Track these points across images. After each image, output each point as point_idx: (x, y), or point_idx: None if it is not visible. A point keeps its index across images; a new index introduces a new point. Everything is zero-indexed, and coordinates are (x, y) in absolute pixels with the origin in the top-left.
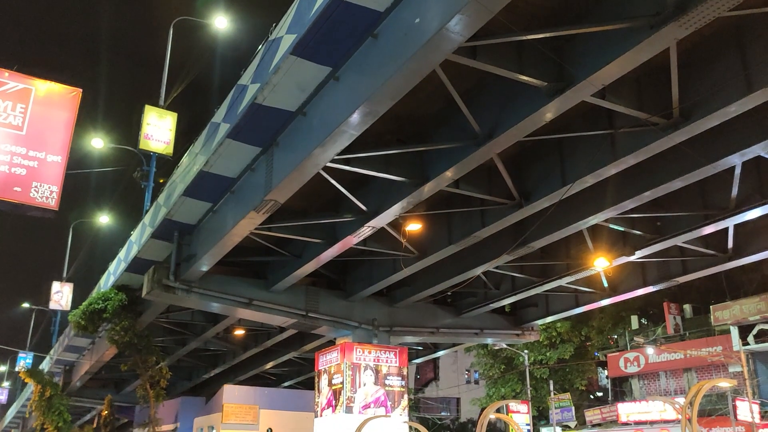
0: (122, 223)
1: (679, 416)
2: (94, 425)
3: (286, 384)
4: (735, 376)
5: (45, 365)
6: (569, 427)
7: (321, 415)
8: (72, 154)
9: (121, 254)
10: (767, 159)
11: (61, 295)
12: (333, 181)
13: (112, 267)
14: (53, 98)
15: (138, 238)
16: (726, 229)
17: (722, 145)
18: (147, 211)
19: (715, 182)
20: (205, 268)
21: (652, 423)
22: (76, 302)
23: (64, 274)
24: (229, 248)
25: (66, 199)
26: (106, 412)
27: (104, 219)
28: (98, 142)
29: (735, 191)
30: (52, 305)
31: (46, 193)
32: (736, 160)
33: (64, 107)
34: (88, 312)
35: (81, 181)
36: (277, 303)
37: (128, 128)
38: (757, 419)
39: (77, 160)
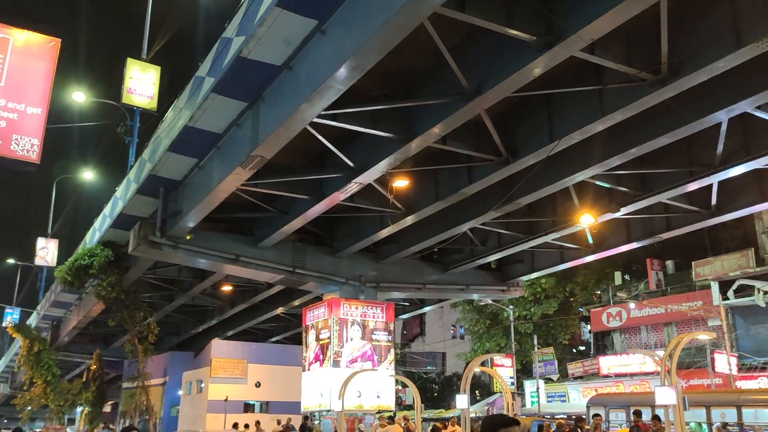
0: (107, 178)
1: (659, 368)
2: (83, 379)
3: (273, 339)
4: (714, 329)
5: (32, 320)
6: (552, 380)
7: (308, 369)
8: (53, 109)
9: (107, 210)
10: (753, 115)
11: (46, 251)
12: (320, 137)
13: (97, 223)
14: (32, 48)
15: (123, 194)
16: (710, 186)
17: (709, 102)
18: (132, 167)
19: (700, 139)
20: (191, 224)
21: (632, 375)
22: (61, 258)
23: (49, 230)
24: (215, 204)
25: (49, 155)
26: (95, 366)
27: (88, 175)
28: (79, 96)
29: (720, 148)
30: (38, 261)
31: (27, 146)
32: (722, 116)
33: (43, 58)
34: (74, 268)
35: (64, 137)
36: (264, 259)
37: (111, 83)
38: (734, 371)
39: (59, 114)
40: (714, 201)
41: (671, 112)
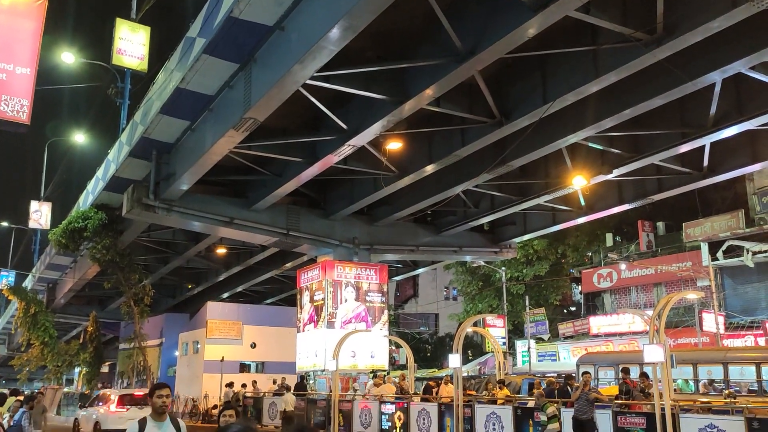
0: (99, 141)
1: (647, 328)
2: (81, 341)
3: (268, 301)
4: (703, 289)
5: (28, 283)
6: (543, 340)
7: (303, 330)
8: (43, 71)
9: (99, 173)
10: (747, 76)
11: (39, 214)
12: (313, 99)
13: (90, 186)
14: (18, 7)
15: (115, 156)
16: (702, 147)
17: (704, 62)
18: (123, 129)
19: (694, 100)
20: (185, 187)
21: (621, 335)
22: (55, 221)
23: (42, 193)
24: (208, 167)
25: (40, 117)
26: (92, 328)
27: (80, 137)
28: (69, 57)
29: (713, 109)
30: (32, 224)
31: (17, 107)
32: (716, 77)
33: (30, 16)
34: (68, 231)
35: (54, 99)
36: (258, 222)
37: (100, 44)
38: (721, 330)
39: (48, 76)
40: (706, 162)
41: (665, 73)
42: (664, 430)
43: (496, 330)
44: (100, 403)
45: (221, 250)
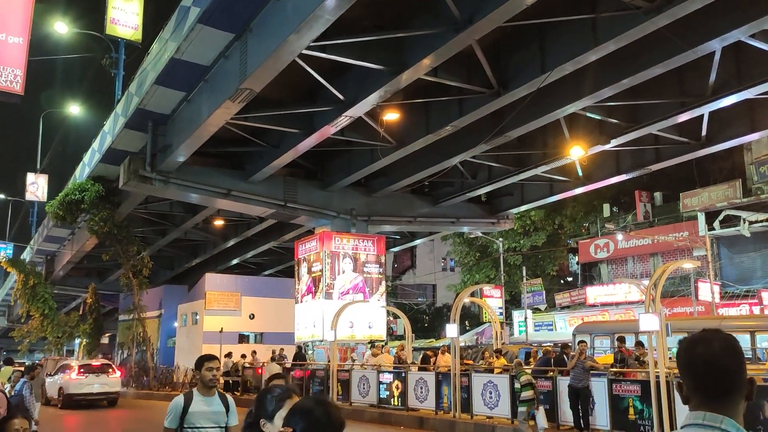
0: (94, 112)
1: (643, 297)
2: (80, 312)
3: (266, 272)
4: (699, 259)
5: (26, 255)
6: (539, 310)
7: (301, 302)
8: (36, 41)
9: (95, 145)
10: (746, 44)
11: (36, 187)
12: (309, 70)
13: (86, 158)
14: None
15: (111, 128)
16: (701, 117)
17: (703, 30)
18: (119, 101)
19: (693, 69)
20: (181, 159)
21: (617, 304)
22: (52, 193)
23: (38, 165)
24: (205, 138)
25: (34, 88)
26: (91, 299)
27: (75, 109)
28: (62, 27)
29: (713, 77)
30: (29, 196)
31: (10, 77)
32: (716, 45)
33: None
34: (65, 203)
35: (48, 70)
36: (256, 193)
37: (94, 14)
38: (717, 299)
39: (42, 47)
40: (704, 132)
41: (664, 41)
42: (658, 397)
43: (493, 300)
44: (65, 372)
45: (219, 222)
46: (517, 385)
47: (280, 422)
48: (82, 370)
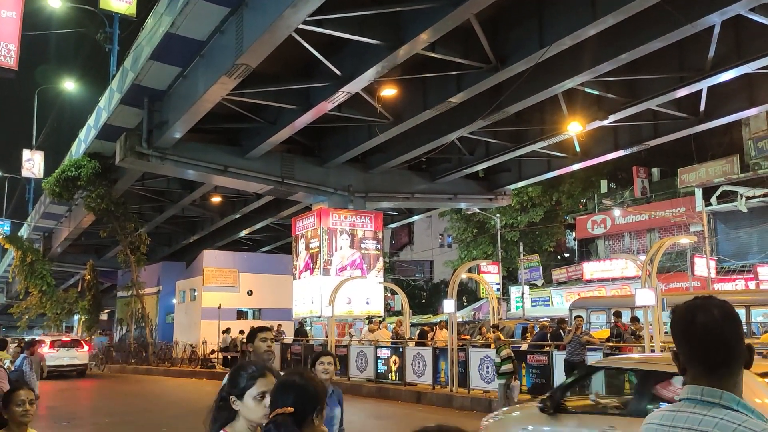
0: (89, 88)
1: (640, 273)
2: (79, 289)
3: (264, 249)
4: (696, 234)
5: (24, 232)
6: (536, 286)
7: (299, 278)
8: (29, 16)
9: (91, 121)
10: (746, 18)
11: (32, 163)
12: (306, 45)
13: (82, 134)
14: None
15: (107, 104)
16: (699, 92)
17: (703, 4)
18: (114, 76)
19: (692, 44)
20: (178, 135)
21: (613, 280)
22: (48, 170)
23: (34, 142)
24: (201, 114)
25: (28, 64)
26: (89, 276)
27: (70, 85)
28: (55, 1)
29: (712, 52)
30: (25, 173)
31: (4, 52)
32: (716, 18)
33: None
34: (61, 179)
35: (42, 45)
36: (253, 170)
37: None
38: (712, 274)
39: (35, 21)
40: (703, 107)
41: (664, 16)
42: None
43: (490, 276)
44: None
45: (216, 199)
46: (498, 359)
47: (250, 400)
48: (53, 344)
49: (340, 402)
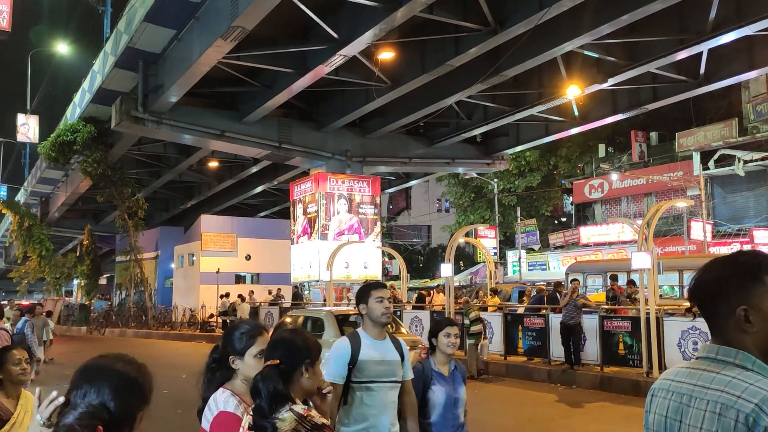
0: (83, 51)
1: (636, 236)
2: (77, 254)
3: (261, 214)
4: (693, 198)
5: (20, 197)
6: (533, 250)
7: (297, 242)
8: None
9: (85, 85)
10: None
11: (27, 128)
12: (302, 6)
13: (77, 98)
14: None
15: (101, 67)
16: (699, 54)
17: None
18: (108, 39)
19: (693, 6)
20: (174, 99)
21: (610, 244)
22: (44, 134)
23: (28, 106)
24: (197, 78)
25: (20, 27)
26: (87, 241)
27: (63, 47)
28: None
29: (713, 14)
30: (20, 138)
31: None
32: None
33: None
34: (57, 144)
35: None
36: (250, 134)
37: None
38: (708, 238)
39: None
40: (702, 70)
41: None
42: (648, 333)
43: (487, 241)
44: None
45: (213, 164)
46: (467, 321)
47: (251, 359)
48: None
49: (464, 379)
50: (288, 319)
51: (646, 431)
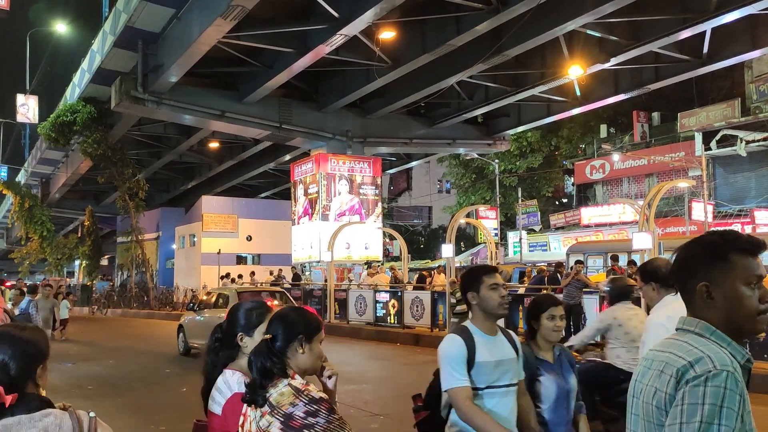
0: (82, 31)
1: (637, 217)
2: (79, 235)
3: (262, 195)
4: (694, 179)
5: (21, 178)
6: (534, 231)
7: (298, 223)
8: None
9: (85, 65)
10: None
11: (27, 108)
12: None
13: (76, 78)
14: None
15: (100, 47)
16: (702, 34)
17: None
18: (107, 18)
19: None
20: (173, 79)
21: (611, 225)
22: (43, 115)
23: (27, 87)
24: (197, 58)
25: (19, 6)
26: (88, 222)
27: (61, 27)
28: None
29: None
30: (20, 118)
31: None
32: None
33: None
34: (57, 124)
35: None
36: (250, 115)
37: None
38: (710, 218)
39: None
40: (705, 49)
41: None
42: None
43: (488, 221)
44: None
45: (214, 145)
46: (453, 300)
47: (260, 336)
48: None
49: (572, 365)
50: (206, 295)
51: (629, 396)
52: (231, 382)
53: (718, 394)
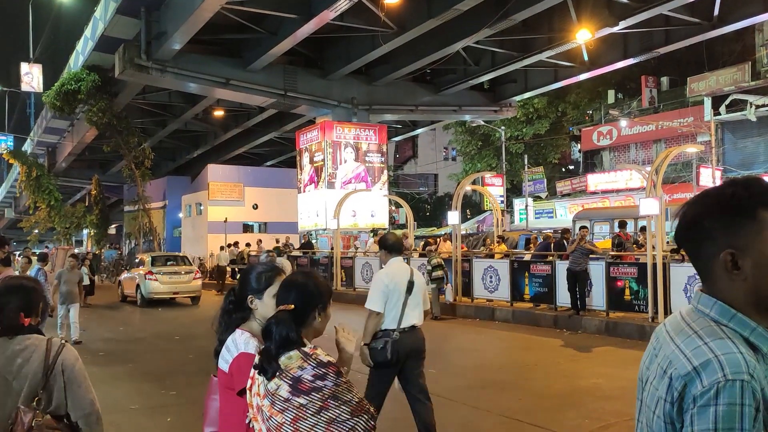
0: None
1: (644, 184)
2: (86, 204)
3: (268, 163)
4: (703, 144)
5: (27, 147)
6: (540, 198)
7: (304, 191)
8: None
9: (88, 32)
10: None
11: (31, 77)
12: None
13: (79, 46)
14: None
15: (103, 14)
16: None
17: None
18: None
19: None
20: (177, 46)
21: (618, 191)
22: (48, 83)
23: (31, 55)
24: (200, 25)
25: None
26: (95, 191)
27: None
28: None
29: None
30: (24, 87)
31: None
32: None
33: None
34: (61, 93)
35: None
36: (255, 82)
37: None
38: (718, 184)
39: None
40: (716, 12)
41: None
42: (654, 278)
43: (494, 189)
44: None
45: (219, 113)
46: (429, 267)
47: (269, 299)
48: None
49: None
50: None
51: (638, 378)
52: (239, 341)
53: (734, 416)
